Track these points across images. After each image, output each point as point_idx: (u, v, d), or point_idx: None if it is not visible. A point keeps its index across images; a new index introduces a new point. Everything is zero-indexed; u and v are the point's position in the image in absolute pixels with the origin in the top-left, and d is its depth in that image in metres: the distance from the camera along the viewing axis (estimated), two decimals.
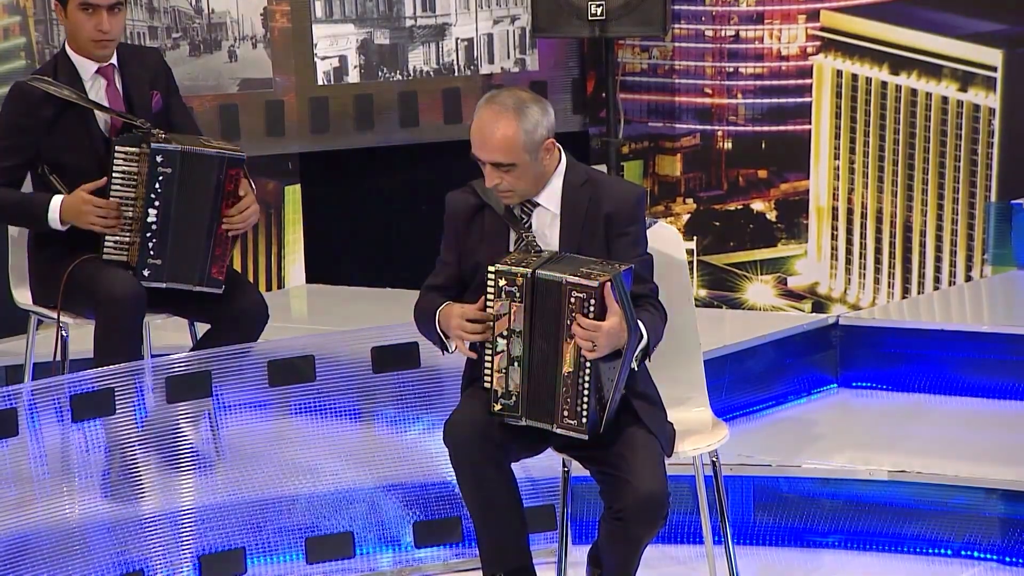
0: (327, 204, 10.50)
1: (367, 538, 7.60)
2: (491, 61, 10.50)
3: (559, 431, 6.48)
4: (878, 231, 10.07)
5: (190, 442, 7.53)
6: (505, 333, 6.47)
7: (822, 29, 10.16)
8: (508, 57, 10.48)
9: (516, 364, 6.48)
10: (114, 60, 7.96)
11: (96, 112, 7.86)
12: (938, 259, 10.00)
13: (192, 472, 7.51)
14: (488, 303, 6.50)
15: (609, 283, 6.27)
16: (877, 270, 10.17)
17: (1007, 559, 7.35)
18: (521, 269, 6.42)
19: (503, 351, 6.49)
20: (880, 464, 7.60)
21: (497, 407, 6.51)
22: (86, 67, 7.90)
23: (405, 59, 10.38)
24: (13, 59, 9.96)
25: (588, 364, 6.35)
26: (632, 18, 9.74)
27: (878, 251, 10.13)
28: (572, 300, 6.31)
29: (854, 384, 8.56)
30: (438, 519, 7.59)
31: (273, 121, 10.25)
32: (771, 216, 10.45)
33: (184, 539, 7.41)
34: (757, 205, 10.46)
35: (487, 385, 6.55)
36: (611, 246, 6.65)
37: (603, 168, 9.89)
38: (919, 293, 9.95)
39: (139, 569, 7.25)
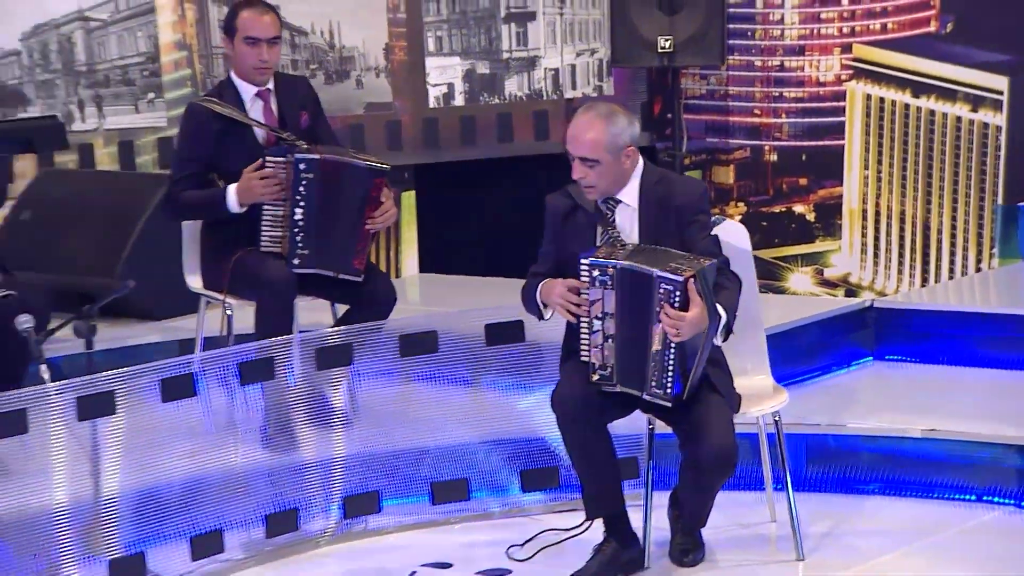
0: (437, 207, 10.43)
1: (480, 484, 7.59)
2: (574, 87, 10.49)
3: (647, 398, 6.49)
4: (901, 230, 10.02)
5: (333, 402, 7.54)
6: (600, 316, 6.44)
7: (854, 60, 10.11)
8: (588, 84, 10.48)
9: (610, 341, 6.49)
10: (270, 85, 7.99)
11: (254, 128, 7.87)
12: (952, 253, 9.93)
13: (335, 427, 7.51)
14: (584, 291, 6.48)
15: (693, 278, 6.26)
16: (900, 262, 10.10)
17: (1022, 504, 7.28)
18: (611, 261, 6.42)
19: (599, 330, 6.49)
20: (913, 424, 7.56)
21: (595, 377, 6.52)
22: (247, 90, 7.93)
23: (502, 86, 10.35)
24: (181, 87, 9.94)
25: (673, 345, 6.33)
26: (695, 51, 9.72)
27: (901, 246, 10.07)
28: (661, 291, 6.32)
29: (887, 357, 8.49)
30: (539, 468, 7.56)
31: (392, 138, 10.24)
32: (810, 217, 10.38)
33: (329, 483, 7.43)
34: (798, 208, 10.40)
35: (585, 359, 6.55)
36: (683, 232, 6.64)
37: None
38: (936, 282, 9.86)
39: (294, 507, 7.26)
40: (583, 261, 6.49)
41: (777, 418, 6.87)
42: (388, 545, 7.32)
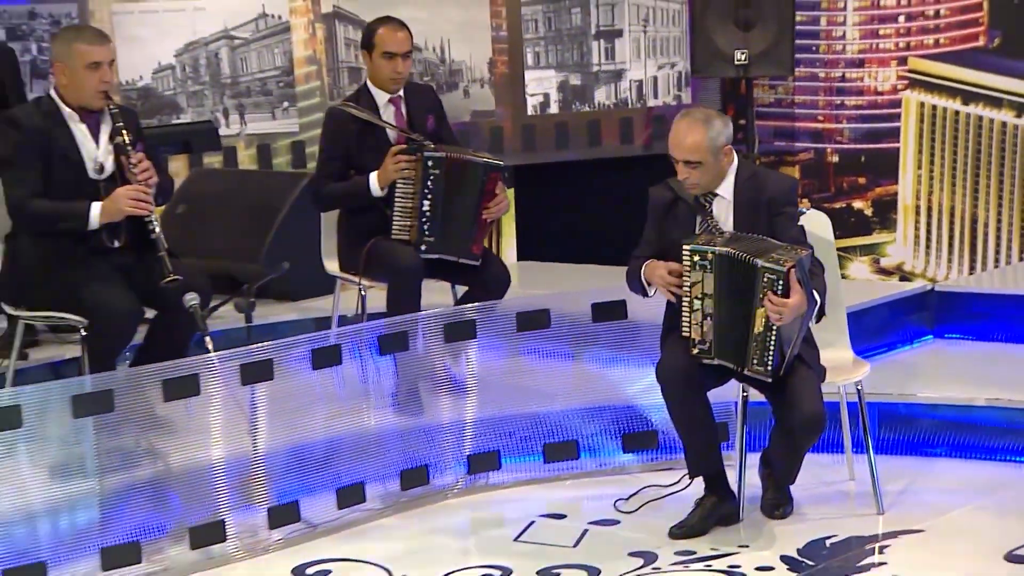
0: (533, 202, 10.37)
1: (588, 445, 7.56)
2: (655, 97, 10.45)
3: (748, 374, 6.49)
4: (951, 223, 9.93)
5: (455, 372, 7.54)
6: (699, 296, 6.43)
7: (909, 71, 10.03)
8: (668, 94, 10.43)
9: (708, 319, 6.49)
10: (401, 92, 7.97)
11: (387, 129, 7.89)
12: (998, 244, 9.84)
13: (458, 394, 7.51)
14: (685, 274, 6.47)
15: (793, 268, 6.26)
16: (949, 252, 10.00)
17: None
18: (710, 248, 6.42)
19: (698, 309, 6.48)
20: (978, 395, 7.54)
21: (695, 351, 6.53)
22: (381, 97, 7.99)
23: (592, 95, 10.33)
24: (312, 97, 9.95)
25: (775, 327, 6.32)
26: (767, 63, 9.68)
27: (951, 238, 9.98)
28: (765, 280, 6.33)
29: (946, 336, 8.45)
30: (639, 432, 7.54)
31: (495, 141, 10.21)
32: (868, 212, 10.28)
33: (453, 443, 7.45)
34: (857, 204, 10.31)
35: (685, 334, 6.55)
36: (773, 223, 6.62)
37: None
38: (983, 270, 9.77)
39: (425, 464, 7.28)
40: (685, 247, 6.49)
41: (859, 387, 6.85)
42: (508, 498, 7.34)
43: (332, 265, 8.18)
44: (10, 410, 6.23)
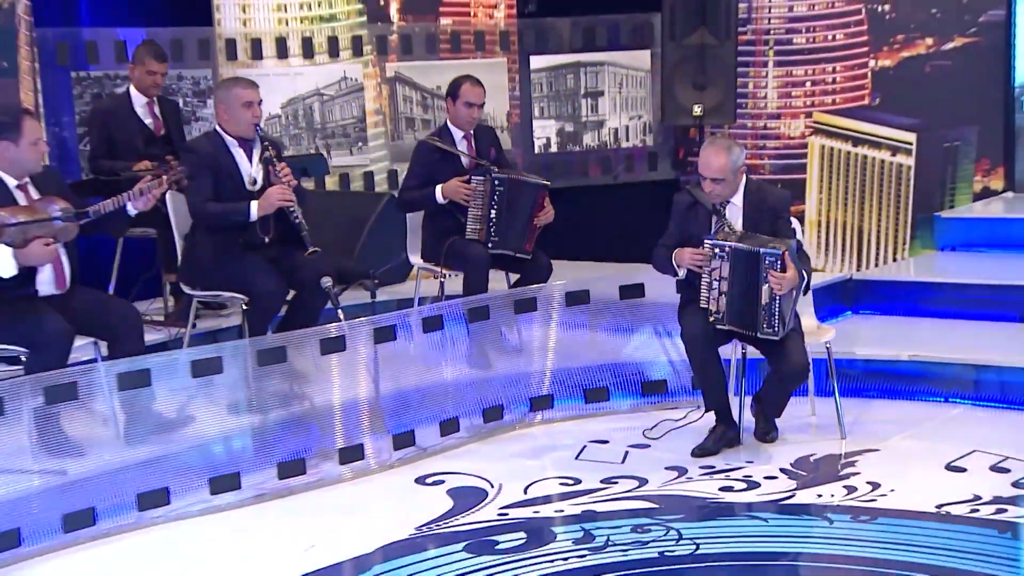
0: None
1: (616, 393, 7.45)
2: (627, 140, 10.43)
3: (760, 336, 6.39)
4: (843, 233, 10.00)
5: (509, 338, 7.47)
6: (717, 279, 6.36)
7: (814, 122, 10.02)
8: (636, 138, 10.42)
9: (723, 296, 6.41)
10: (472, 130, 7.86)
11: (462, 157, 7.77)
12: (877, 248, 9.83)
13: (510, 354, 7.41)
14: (704, 263, 6.41)
15: (787, 251, 6.22)
16: (842, 254, 9.98)
17: (976, 403, 7.27)
18: (727, 243, 6.37)
19: (716, 288, 6.40)
20: (899, 352, 7.51)
21: (712, 319, 6.45)
22: (458, 134, 7.92)
23: (581, 138, 10.34)
24: (378, 139, 9.91)
25: (777, 297, 6.25)
26: (716, 115, 9.63)
27: (843, 244, 10.00)
28: (767, 262, 6.26)
29: (861, 311, 8.39)
30: (654, 380, 7.46)
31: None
32: None
33: (519, 388, 7.33)
34: None
35: (704, 306, 6.47)
36: (774, 224, 6.56)
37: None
38: (867, 268, 9.71)
39: (499, 404, 7.20)
40: (707, 241, 6.43)
41: (828, 346, 6.79)
42: (560, 430, 7.21)
43: (416, 258, 8.02)
44: (212, 361, 6.14)
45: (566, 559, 5.36)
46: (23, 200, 6.20)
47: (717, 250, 6.40)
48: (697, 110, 9.59)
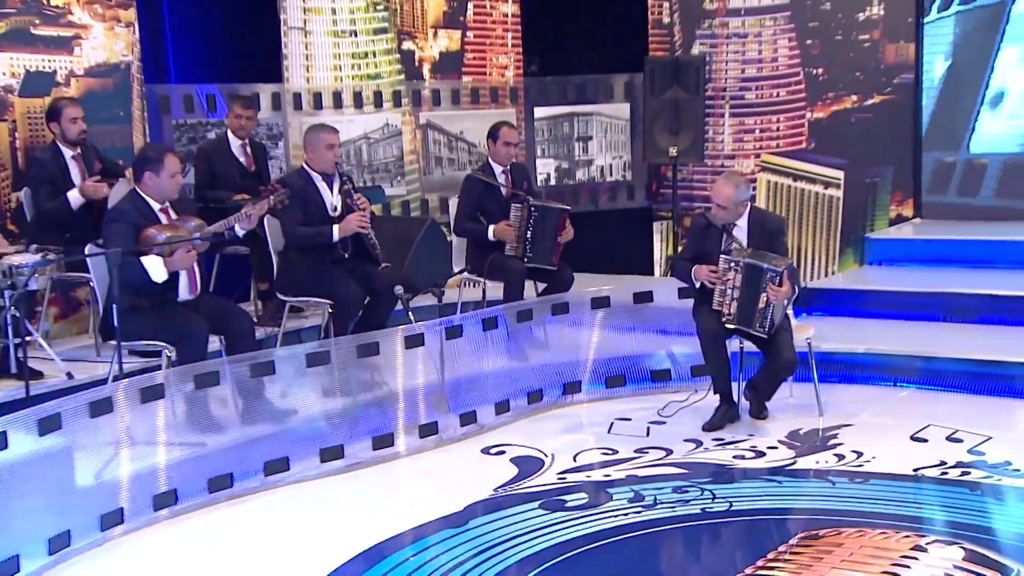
0: None
1: (631, 378, 7.38)
2: (611, 175, 10.37)
3: (754, 332, 6.39)
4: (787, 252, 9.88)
5: (537, 335, 7.41)
6: (731, 287, 6.37)
7: (762, 162, 10.03)
8: (618, 174, 10.39)
9: (735, 301, 6.40)
10: (508, 166, 7.84)
11: (501, 188, 7.74)
12: (814, 264, 9.83)
13: (540, 349, 7.35)
14: (719, 275, 6.40)
15: (785, 269, 6.25)
16: None
17: (920, 386, 7.22)
18: (739, 259, 6.40)
19: (728, 294, 6.41)
20: (855, 346, 7.45)
21: (724, 319, 6.45)
22: (498, 169, 7.90)
23: (575, 174, 10.32)
24: (412, 174, 9.79)
25: (772, 305, 6.28)
26: (687, 155, 9.69)
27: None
28: (768, 276, 6.28)
29: (812, 313, 8.21)
30: (661, 369, 7.41)
31: None
32: None
33: (553, 375, 7.24)
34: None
35: (717, 309, 6.47)
36: (772, 243, 6.57)
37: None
38: (808, 280, 9.66)
39: (539, 389, 7.15)
40: (723, 256, 6.44)
41: (809, 341, 6.75)
42: (589, 410, 7.13)
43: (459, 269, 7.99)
44: (322, 354, 6.07)
45: (626, 515, 5.34)
46: (164, 219, 6.13)
47: (732, 264, 6.41)
48: (673, 151, 9.63)
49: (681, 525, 5.21)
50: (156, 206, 6.14)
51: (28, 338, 6.33)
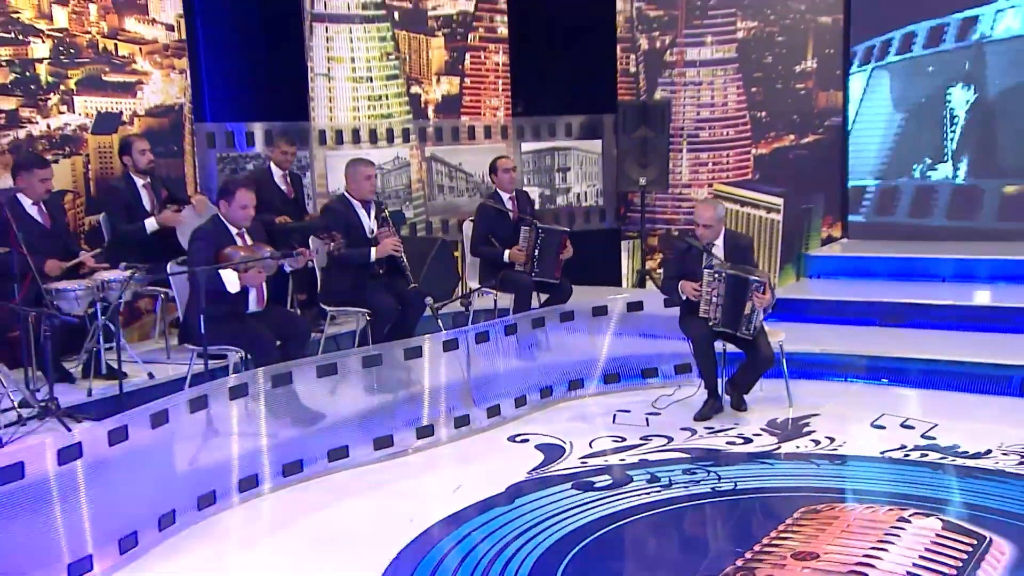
0: None
1: (626, 375, 7.34)
2: (586, 201, 10.36)
3: (740, 335, 6.41)
4: None
5: (540, 339, 7.14)
6: (716, 295, 6.39)
7: (715, 191, 10.06)
8: (591, 200, 10.38)
9: (719, 307, 6.41)
10: (513, 194, 7.85)
11: (510, 214, 7.73)
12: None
13: (544, 351, 7.16)
14: (705, 283, 6.41)
15: (767, 280, 6.24)
16: None
17: (868, 381, 7.22)
18: (722, 270, 6.41)
19: (714, 302, 6.43)
20: (812, 347, 7.42)
21: (710, 323, 6.46)
22: (505, 196, 7.86)
23: (556, 200, 10.23)
24: (419, 199, 9.71)
25: (754, 311, 6.30)
26: (654, 184, 9.75)
27: None
28: (754, 286, 6.29)
29: (767, 320, 7.83)
30: (651, 367, 7.36)
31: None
32: None
33: (560, 373, 7.13)
34: None
35: (704, 316, 6.47)
36: (745, 258, 6.59)
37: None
38: None
39: (550, 385, 7.08)
40: (707, 270, 6.44)
41: (781, 344, 6.73)
42: (593, 403, 7.09)
43: (473, 283, 7.91)
44: (375, 356, 6.04)
45: (648, 493, 5.35)
46: (240, 242, 6.06)
47: (717, 276, 6.44)
48: (642, 181, 9.70)
49: (698, 503, 5.24)
50: (234, 230, 6.08)
51: (112, 345, 6.23)
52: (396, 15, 9.55)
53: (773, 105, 9.84)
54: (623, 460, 5.89)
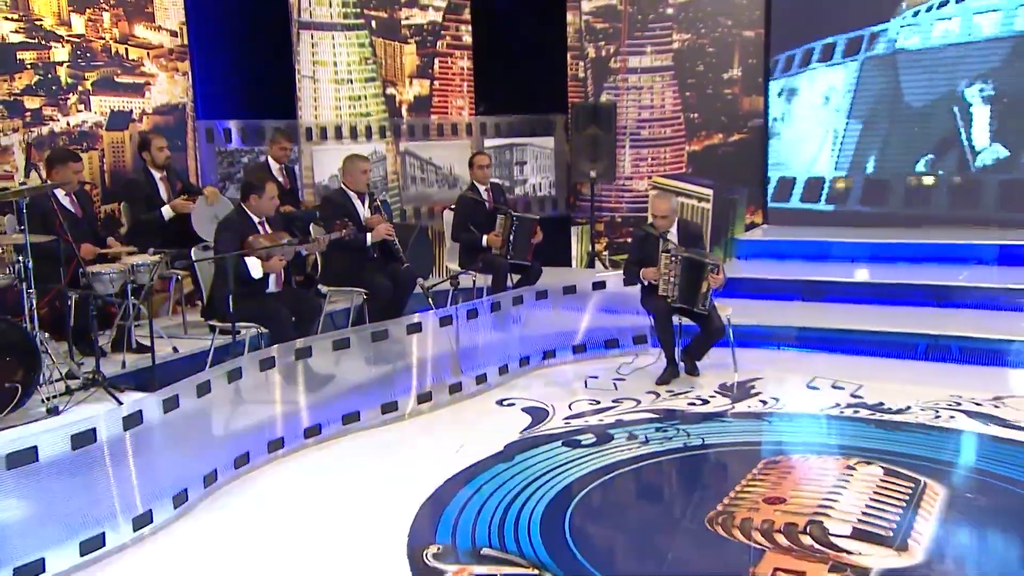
0: None
1: (592, 345, 7.37)
2: (541, 191, 10.43)
3: (696, 310, 6.50)
4: None
5: (514, 315, 7.13)
6: (674, 275, 6.49)
7: (653, 183, 10.19)
8: (544, 191, 10.43)
9: (676, 287, 6.50)
10: (488, 186, 7.90)
11: (486, 203, 7.79)
12: None
13: (520, 325, 7.12)
14: (664, 265, 6.50)
15: (720, 263, 6.38)
16: None
17: (806, 349, 7.40)
18: (679, 253, 6.49)
19: (671, 281, 6.51)
20: (747, 320, 7.50)
21: (669, 300, 6.53)
22: (481, 187, 7.90)
23: (514, 191, 10.18)
24: (395, 190, 9.66)
25: (709, 289, 6.40)
26: (603, 177, 9.86)
27: None
28: (710, 267, 6.38)
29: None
30: (612, 339, 7.47)
31: None
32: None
33: (534, 345, 7.18)
34: (628, 240, 10.38)
35: (663, 294, 6.54)
36: (696, 242, 6.71)
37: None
38: None
39: (527, 356, 7.13)
40: (665, 254, 6.53)
41: (728, 318, 6.75)
42: (564, 371, 7.16)
43: (454, 265, 7.95)
44: (382, 331, 6.11)
45: (629, 449, 5.46)
46: (262, 231, 6.07)
47: (673, 259, 6.56)
48: (593, 174, 9.82)
49: (674, 456, 5.37)
50: (256, 220, 6.09)
51: (139, 322, 6.20)
52: (373, 24, 9.54)
53: (704, 108, 10.00)
54: (602, 420, 5.98)
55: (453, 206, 8.04)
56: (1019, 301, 7.61)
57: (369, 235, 7.04)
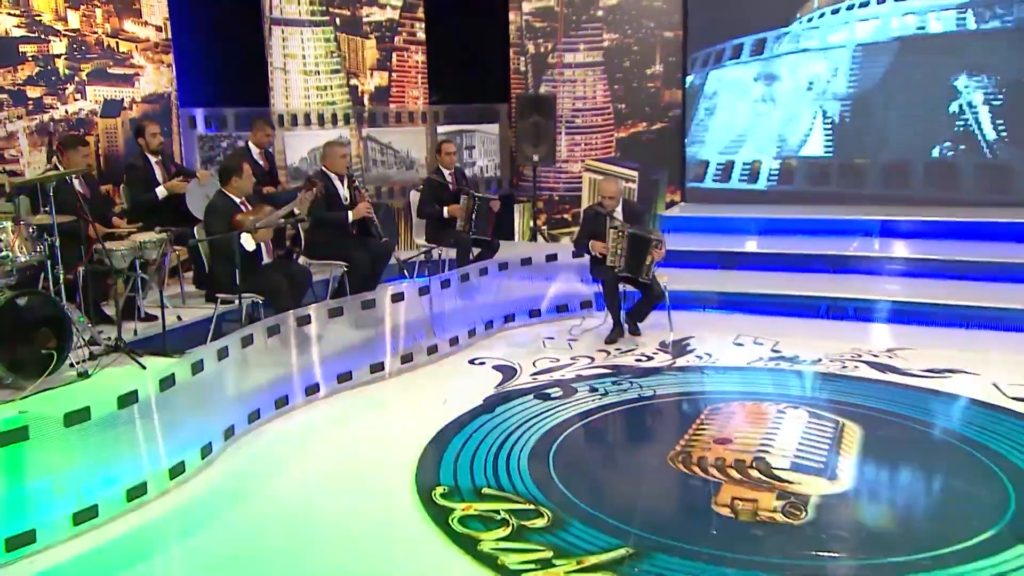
0: None
1: (544, 310, 7.47)
2: (488, 173, 10.42)
3: (640, 280, 6.59)
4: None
5: (478, 284, 7.17)
6: (620, 248, 6.60)
7: (587, 167, 10.30)
8: (491, 172, 10.43)
9: (622, 257, 6.60)
10: (452, 169, 7.89)
11: (450, 185, 7.81)
12: None
13: (484, 293, 7.16)
14: (610, 240, 6.61)
15: (662, 238, 6.54)
16: None
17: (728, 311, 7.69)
18: (626, 229, 6.57)
19: (618, 253, 6.60)
20: (685, 286, 7.70)
21: (616, 270, 6.61)
22: (446, 172, 7.85)
23: (464, 172, 10.21)
24: (357, 171, 9.61)
25: (652, 261, 6.51)
26: (544, 160, 9.91)
27: None
28: (654, 243, 6.49)
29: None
30: (563, 304, 7.56)
31: None
32: (569, 219, 10.40)
33: (498, 309, 7.22)
34: (565, 216, 10.50)
35: (610, 264, 6.62)
36: (640, 219, 6.85)
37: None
38: None
39: (491, 320, 7.18)
40: (612, 230, 6.61)
41: (665, 284, 6.87)
42: (523, 332, 7.23)
43: (421, 240, 7.92)
44: (371, 301, 6.16)
45: (593, 400, 5.63)
46: (244, 209, 6.09)
47: (620, 234, 6.67)
48: (535, 157, 9.91)
49: (631, 406, 5.54)
50: (238, 200, 6.08)
51: (148, 293, 6.17)
52: (338, 21, 9.48)
53: (630, 99, 10.14)
54: (564, 376, 6.13)
55: (420, 187, 8.07)
56: (895, 267, 7.96)
57: (351, 212, 7.05)
